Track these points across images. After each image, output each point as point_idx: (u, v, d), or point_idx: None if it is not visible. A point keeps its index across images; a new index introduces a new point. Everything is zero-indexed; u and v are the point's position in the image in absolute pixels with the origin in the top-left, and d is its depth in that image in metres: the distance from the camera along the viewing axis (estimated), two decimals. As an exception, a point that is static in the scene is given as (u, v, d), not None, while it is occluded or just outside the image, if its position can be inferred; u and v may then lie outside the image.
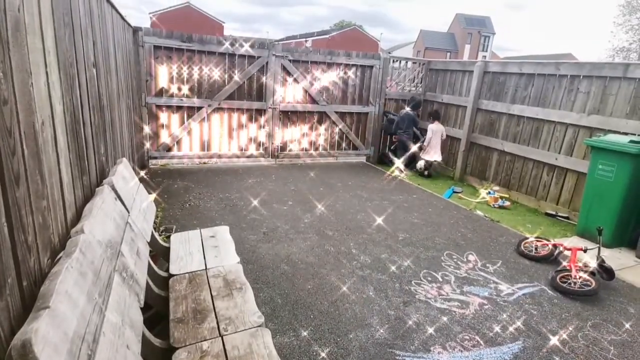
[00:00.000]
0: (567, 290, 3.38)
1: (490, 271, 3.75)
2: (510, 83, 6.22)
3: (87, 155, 2.18)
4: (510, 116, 6.23)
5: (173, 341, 1.84)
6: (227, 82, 6.55)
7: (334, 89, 7.38)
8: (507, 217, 5.35)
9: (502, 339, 2.77)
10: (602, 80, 4.99)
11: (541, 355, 2.62)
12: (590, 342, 2.79)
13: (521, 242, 4.26)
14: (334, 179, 6.49)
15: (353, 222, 4.69)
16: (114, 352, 1.34)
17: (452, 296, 3.27)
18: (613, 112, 4.87)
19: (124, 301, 1.63)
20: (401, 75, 8.06)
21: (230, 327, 1.95)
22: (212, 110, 6.54)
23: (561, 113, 5.43)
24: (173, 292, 2.24)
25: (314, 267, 3.57)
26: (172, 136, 6.44)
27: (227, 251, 2.75)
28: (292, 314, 2.87)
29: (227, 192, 5.43)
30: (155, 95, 6.15)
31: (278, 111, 7.00)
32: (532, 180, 5.91)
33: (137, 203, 2.57)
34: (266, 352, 1.78)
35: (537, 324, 2.96)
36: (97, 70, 2.67)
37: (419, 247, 4.15)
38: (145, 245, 2.37)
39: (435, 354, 2.57)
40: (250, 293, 2.25)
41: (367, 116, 7.74)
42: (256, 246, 3.90)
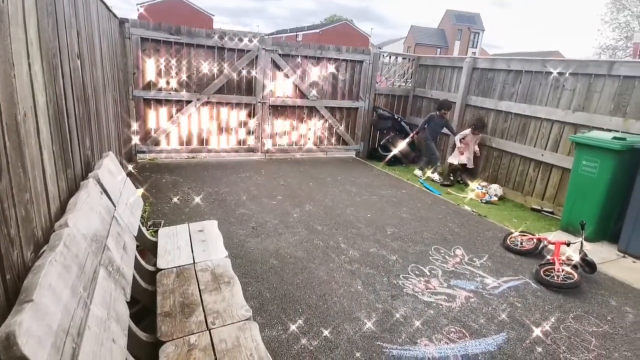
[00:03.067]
0: (551, 283, 3.45)
1: (477, 265, 3.81)
2: (499, 79, 6.29)
3: (72, 147, 2.15)
4: (498, 112, 6.30)
5: (160, 335, 1.83)
6: (216, 76, 6.48)
7: (324, 84, 7.36)
8: (494, 212, 5.43)
9: (487, 331, 2.82)
10: (587, 78, 5.07)
11: (524, 347, 2.68)
12: (572, 333, 2.86)
13: (507, 237, 4.33)
14: (323, 174, 6.49)
15: (342, 217, 4.71)
16: (99, 345, 1.33)
17: (439, 290, 3.32)
18: (597, 109, 4.97)
19: (110, 295, 1.61)
20: (391, 71, 8.08)
21: (218, 321, 1.95)
22: (201, 104, 6.48)
23: (547, 110, 5.51)
24: (160, 286, 2.23)
25: (303, 262, 3.58)
26: (161, 130, 6.37)
27: (215, 245, 2.74)
28: (281, 308, 2.88)
29: (216, 187, 5.40)
30: (143, 89, 6.06)
31: (268, 106, 6.96)
32: (519, 175, 6.00)
33: (124, 197, 2.55)
34: (254, 345, 1.78)
35: (521, 316, 3.02)
36: (82, 61, 2.62)
37: (407, 241, 4.19)
38: (132, 239, 2.35)
39: (421, 347, 2.61)
40: (238, 287, 2.25)
41: (356, 111, 7.75)
42: (245, 241, 3.90)
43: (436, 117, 6.87)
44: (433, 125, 6.92)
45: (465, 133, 6.52)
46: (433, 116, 6.90)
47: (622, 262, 4.10)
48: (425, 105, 7.90)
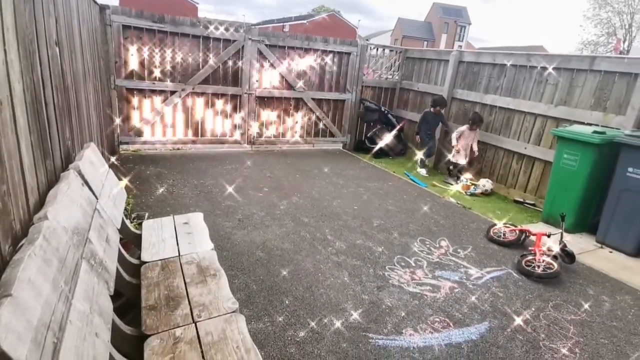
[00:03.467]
0: (531, 274, 3.54)
1: (461, 256, 3.87)
2: (484, 73, 6.35)
3: (51, 137, 2.08)
4: (483, 106, 6.37)
5: (145, 328, 1.81)
6: (201, 66, 6.37)
7: (311, 75, 7.31)
8: (478, 204, 5.51)
9: (470, 320, 2.88)
10: (569, 73, 5.17)
11: (506, 335, 2.75)
12: (551, 321, 2.95)
13: (490, 228, 4.41)
14: (310, 166, 6.48)
15: (329, 209, 4.72)
16: (82, 340, 1.31)
17: (424, 280, 3.37)
18: (579, 103, 5.07)
19: (92, 289, 1.58)
20: (378, 63, 8.07)
21: (204, 314, 1.94)
22: (185, 94, 6.36)
23: (531, 104, 5.60)
24: (145, 279, 2.20)
25: (290, 254, 3.58)
26: (144, 121, 6.24)
27: (201, 238, 2.72)
28: (267, 300, 2.88)
29: (202, 179, 5.34)
30: (126, 78, 5.91)
31: (254, 97, 6.89)
32: (503, 168, 6.10)
33: (106, 189, 2.49)
34: (240, 337, 1.78)
35: (502, 306, 3.09)
36: (60, 48, 2.54)
37: (393, 233, 4.23)
38: (116, 232, 2.30)
39: (407, 336, 2.65)
40: (224, 279, 2.24)
41: (344, 103, 7.73)
42: (231, 233, 3.87)
43: (430, 114, 6.79)
44: (428, 122, 6.84)
45: (462, 130, 6.31)
46: (427, 113, 6.82)
47: (599, 252, 4.22)
48: (412, 97, 7.93)
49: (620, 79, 4.66)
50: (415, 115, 7.75)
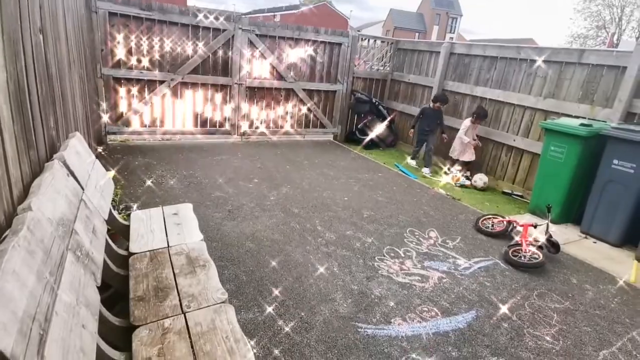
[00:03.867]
0: (518, 263, 3.61)
1: (450, 247, 3.92)
2: (475, 65, 6.37)
3: (35, 127, 2.04)
4: (473, 97, 6.40)
5: (133, 319, 1.81)
6: (190, 55, 6.27)
7: (301, 66, 7.25)
8: (467, 196, 5.57)
9: (457, 309, 2.93)
10: (558, 65, 5.21)
11: (492, 323, 2.81)
12: (535, 310, 3.02)
13: (479, 219, 4.47)
14: (300, 157, 6.47)
15: (319, 200, 4.72)
16: (68, 331, 1.30)
17: (413, 271, 3.41)
18: (567, 96, 5.12)
19: (79, 280, 1.57)
20: (369, 54, 8.04)
21: (193, 304, 1.94)
22: (175, 84, 6.27)
23: (520, 96, 5.64)
24: (133, 270, 2.19)
25: (279, 244, 3.59)
26: (133, 111, 6.14)
27: (190, 229, 2.70)
28: (257, 291, 2.89)
29: (191, 170, 5.29)
30: (113, 67, 5.80)
31: (244, 87, 6.82)
32: (492, 160, 6.16)
33: (93, 180, 2.46)
34: (229, 327, 1.79)
35: (489, 295, 3.15)
36: (44, 36, 2.47)
37: (383, 224, 4.26)
38: (103, 223, 2.28)
39: (395, 325, 2.69)
40: (213, 270, 2.23)
41: (334, 94, 7.70)
42: (221, 224, 3.86)
43: (429, 109, 6.57)
44: (426, 118, 6.60)
45: (467, 125, 6.04)
46: (426, 109, 6.62)
47: (584, 242, 4.31)
48: (403, 89, 7.93)
49: (608, 72, 4.72)
50: (406, 107, 7.77)
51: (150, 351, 1.63)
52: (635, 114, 4.44)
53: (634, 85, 4.39)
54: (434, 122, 6.59)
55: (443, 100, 6.53)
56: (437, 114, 6.57)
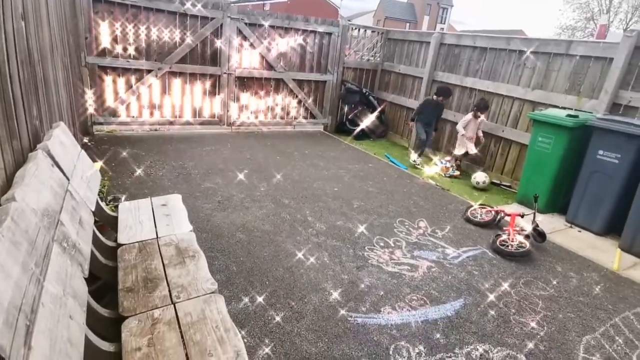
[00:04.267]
0: (505, 252, 3.67)
1: (439, 236, 3.97)
2: (465, 56, 6.38)
3: (17, 116, 1.99)
4: (463, 88, 6.42)
5: (122, 310, 1.79)
6: (178, 44, 6.16)
7: (291, 56, 7.18)
8: (456, 186, 5.63)
9: (446, 298, 2.98)
10: (546, 57, 5.25)
11: (479, 311, 2.86)
12: (521, 297, 3.08)
13: (467, 209, 4.52)
14: (290, 148, 6.44)
15: (309, 191, 4.72)
16: (55, 322, 1.28)
17: (403, 260, 3.44)
18: (554, 87, 5.17)
19: (65, 271, 1.55)
20: (360, 44, 7.99)
21: (183, 295, 1.93)
22: (162, 74, 6.16)
23: (509, 87, 5.68)
24: (122, 261, 2.17)
25: (270, 235, 3.59)
26: (119, 100, 6.02)
27: (180, 219, 2.68)
28: (248, 281, 2.90)
29: (180, 161, 5.24)
30: (98, 55, 5.67)
31: (234, 77, 6.73)
32: (481, 151, 6.21)
33: (79, 170, 2.41)
34: (219, 317, 1.79)
35: (477, 283, 3.20)
36: (26, 22, 2.39)
37: (373, 214, 4.28)
38: (90, 214, 2.25)
39: (385, 314, 2.72)
40: (203, 260, 2.23)
41: (325, 84, 7.66)
42: (211, 215, 3.84)
43: (431, 102, 6.36)
44: (428, 112, 6.38)
45: (468, 119, 5.86)
46: (428, 101, 6.41)
47: (569, 231, 4.40)
48: (393, 79, 7.91)
49: (595, 63, 4.77)
50: (396, 98, 7.77)
51: (140, 341, 1.62)
52: (621, 105, 4.51)
53: (620, 76, 4.45)
54: (434, 118, 6.43)
55: (446, 93, 6.29)
56: (439, 107, 6.39)
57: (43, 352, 1.14)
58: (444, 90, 6.31)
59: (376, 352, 2.36)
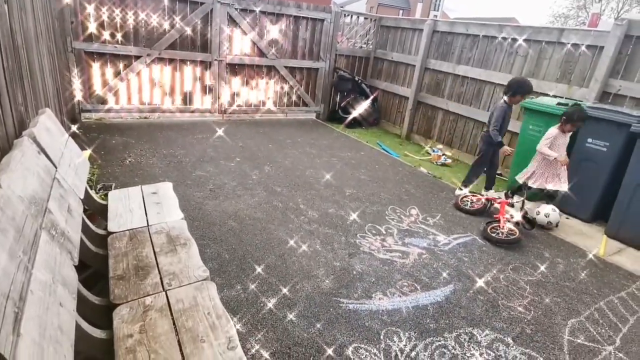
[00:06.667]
0: (495, 239, 3.72)
1: (430, 224, 4.00)
2: (457, 43, 6.35)
3: (1, 102, 1.94)
4: (455, 76, 6.42)
5: (113, 298, 1.79)
6: (167, 30, 6.03)
7: (283, 42, 7.09)
8: (448, 174, 5.66)
9: (436, 284, 3.02)
10: (538, 45, 5.25)
11: (468, 296, 2.91)
12: (510, 282, 3.14)
13: (458, 197, 4.56)
14: (283, 136, 6.41)
15: (301, 179, 4.72)
16: (45, 309, 1.28)
17: (394, 247, 3.47)
18: (546, 75, 5.19)
19: (54, 259, 1.54)
20: (352, 31, 7.91)
21: (175, 282, 1.93)
22: (151, 60, 6.04)
23: (501, 75, 5.68)
24: (112, 249, 2.16)
25: (262, 223, 3.59)
26: (108, 87, 5.91)
27: (170, 207, 2.67)
28: (240, 269, 2.90)
29: (171, 149, 5.18)
30: (84, 41, 5.53)
31: (225, 64, 6.64)
32: (473, 139, 6.25)
33: (67, 158, 2.37)
34: (211, 304, 1.79)
35: (467, 269, 3.25)
36: (9, 6, 2.32)
37: (365, 202, 4.30)
38: (78, 202, 2.22)
39: (376, 300, 2.75)
40: (194, 248, 2.22)
41: (317, 72, 7.59)
42: (202, 203, 3.82)
43: (507, 107, 4.34)
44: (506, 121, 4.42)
45: (553, 134, 4.09)
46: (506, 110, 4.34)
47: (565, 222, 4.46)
48: (385, 67, 7.87)
49: (586, 51, 4.78)
50: (389, 86, 7.74)
51: (132, 328, 1.62)
52: (611, 94, 4.55)
53: (610, 64, 4.48)
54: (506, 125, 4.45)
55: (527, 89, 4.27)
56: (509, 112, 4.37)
57: (33, 339, 1.14)
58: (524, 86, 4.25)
59: (367, 337, 2.40)
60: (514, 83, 4.31)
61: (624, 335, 2.68)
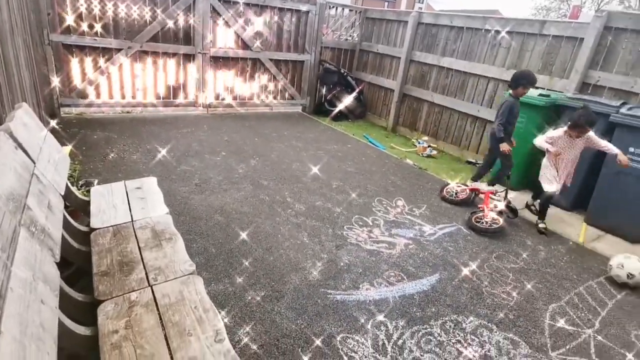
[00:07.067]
0: (480, 229, 3.79)
1: (416, 214, 4.05)
2: (442, 35, 6.38)
3: (-25, 96, 1.88)
4: (440, 68, 6.46)
5: (97, 294, 1.77)
6: (149, 22, 5.90)
7: (268, 35, 7.01)
8: (433, 165, 5.72)
9: (422, 273, 3.07)
10: (521, 36, 5.32)
11: (453, 284, 2.96)
12: (493, 270, 3.21)
13: (443, 188, 4.62)
14: (268, 129, 6.37)
15: (288, 172, 4.71)
16: (25, 307, 1.25)
17: (381, 238, 3.51)
18: (528, 67, 5.25)
19: (35, 256, 1.50)
20: (338, 23, 7.87)
21: (160, 277, 1.92)
22: (133, 53, 5.91)
23: (485, 67, 5.75)
24: (96, 246, 2.12)
25: (249, 217, 3.58)
26: (87, 81, 5.77)
27: (155, 202, 2.63)
28: (227, 263, 2.89)
29: (155, 144, 5.10)
30: (62, 33, 5.37)
31: (208, 57, 6.54)
32: (457, 130, 6.32)
33: (45, 153, 2.31)
34: (198, 297, 1.78)
35: (452, 258, 3.31)
36: (-21, -5, 2.24)
37: (351, 194, 4.32)
38: (59, 198, 2.17)
39: (363, 290, 2.78)
40: (180, 242, 2.20)
41: (302, 65, 7.54)
42: (188, 198, 3.78)
43: (514, 101, 4.18)
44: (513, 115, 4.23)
45: (557, 133, 3.84)
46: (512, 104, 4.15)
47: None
48: (371, 59, 7.86)
49: (567, 43, 4.87)
50: (374, 78, 7.74)
51: (117, 324, 1.61)
52: (590, 85, 4.65)
53: (590, 56, 4.57)
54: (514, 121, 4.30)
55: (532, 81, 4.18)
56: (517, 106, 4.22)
57: (13, 337, 1.12)
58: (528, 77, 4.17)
59: (355, 328, 2.43)
60: (517, 74, 4.23)
61: (602, 319, 2.77)
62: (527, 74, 4.21)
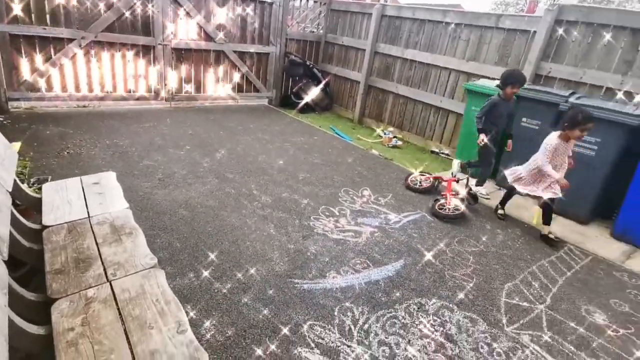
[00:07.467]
0: (442, 215, 3.93)
1: (382, 203, 4.13)
2: (405, 28, 6.50)
3: None
4: (404, 60, 6.58)
5: (51, 293, 1.70)
6: (103, 11, 5.63)
7: (232, 27, 6.88)
8: (399, 156, 5.85)
9: (387, 260, 3.15)
10: (479, 30, 5.50)
11: (417, 269, 3.06)
12: (455, 254, 3.34)
13: (408, 177, 4.74)
14: (234, 122, 6.28)
15: (254, 165, 4.67)
16: (-31, 306, 1.19)
17: (347, 227, 3.56)
18: (486, 59, 5.47)
19: (-21, 254, 1.43)
20: (302, 15, 7.83)
21: (120, 272, 1.86)
22: (87, 44, 5.63)
23: (446, 59, 5.91)
24: (49, 243, 2.03)
25: (214, 210, 3.53)
26: (38, 73, 5.44)
27: (114, 197, 2.55)
28: (192, 257, 2.85)
29: (115, 138, 4.91)
30: (9, 23, 5.04)
31: (170, 49, 6.33)
32: (421, 121, 6.48)
33: (-10, 148, 2.18)
34: (159, 290, 1.75)
35: (416, 244, 3.41)
36: None
37: (318, 185, 4.35)
38: (6, 195, 2.06)
39: (330, 279, 2.82)
40: (141, 237, 2.15)
41: (267, 57, 7.46)
42: (151, 193, 3.68)
43: (499, 100, 4.19)
44: (495, 115, 4.24)
45: (552, 144, 3.51)
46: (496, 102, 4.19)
47: (498, 193, 4.77)
48: (336, 52, 7.89)
49: (521, 36, 5.09)
50: (340, 70, 7.78)
51: (73, 322, 1.55)
52: (542, 76, 4.89)
53: (542, 47, 4.80)
54: (503, 121, 4.33)
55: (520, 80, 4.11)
56: (510, 106, 4.28)
57: (-45, 338, 1.06)
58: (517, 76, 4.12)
59: (322, 315, 2.46)
60: (505, 74, 4.17)
61: (553, 295, 2.96)
62: (514, 73, 4.15)
